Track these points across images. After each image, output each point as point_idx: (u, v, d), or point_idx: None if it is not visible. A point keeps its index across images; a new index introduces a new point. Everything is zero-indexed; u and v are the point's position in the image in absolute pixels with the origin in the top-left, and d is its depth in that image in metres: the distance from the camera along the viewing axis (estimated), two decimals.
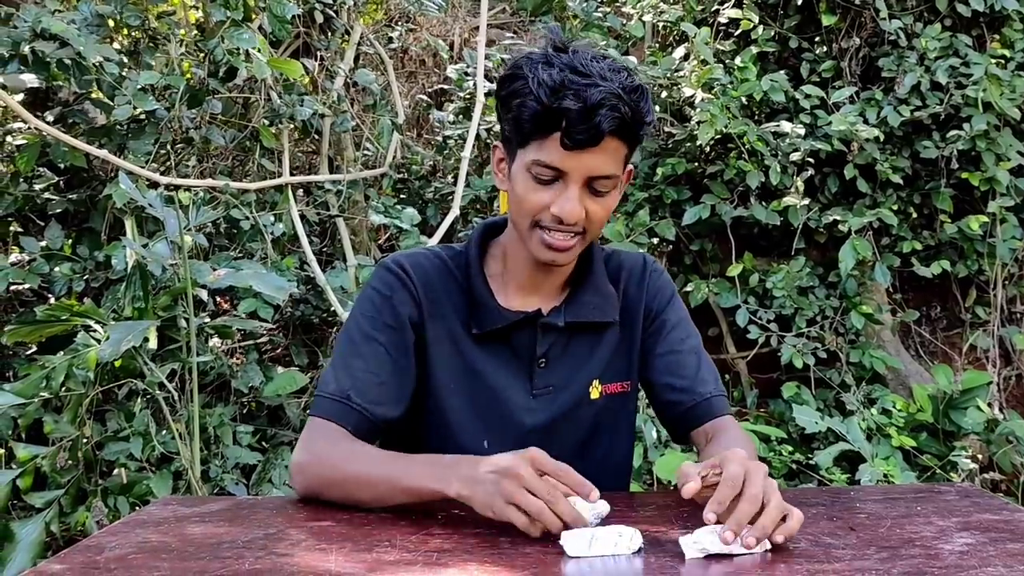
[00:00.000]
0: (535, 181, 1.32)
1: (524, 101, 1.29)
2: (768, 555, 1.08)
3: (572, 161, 1.29)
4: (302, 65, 3.58)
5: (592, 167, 1.30)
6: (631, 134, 1.31)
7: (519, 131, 1.33)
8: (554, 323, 1.44)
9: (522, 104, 1.30)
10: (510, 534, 1.15)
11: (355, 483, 1.27)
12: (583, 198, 1.32)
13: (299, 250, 3.77)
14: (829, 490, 1.55)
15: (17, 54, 2.99)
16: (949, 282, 4.24)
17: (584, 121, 1.25)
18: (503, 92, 1.35)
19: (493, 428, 1.45)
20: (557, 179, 1.32)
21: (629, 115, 1.28)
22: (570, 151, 1.28)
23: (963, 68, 3.80)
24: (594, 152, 1.29)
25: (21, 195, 3.38)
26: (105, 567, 1.05)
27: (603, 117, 1.25)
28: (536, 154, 1.31)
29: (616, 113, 1.26)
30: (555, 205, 1.31)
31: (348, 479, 1.28)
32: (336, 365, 1.38)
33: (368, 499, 1.27)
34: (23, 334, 2.71)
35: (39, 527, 2.57)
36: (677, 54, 4.00)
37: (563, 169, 1.30)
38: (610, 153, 1.31)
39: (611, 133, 1.28)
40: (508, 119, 1.35)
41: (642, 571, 1.05)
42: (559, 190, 1.32)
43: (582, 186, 1.31)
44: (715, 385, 1.49)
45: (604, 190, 1.33)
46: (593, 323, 1.48)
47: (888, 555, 1.08)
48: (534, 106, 1.28)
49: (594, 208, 1.33)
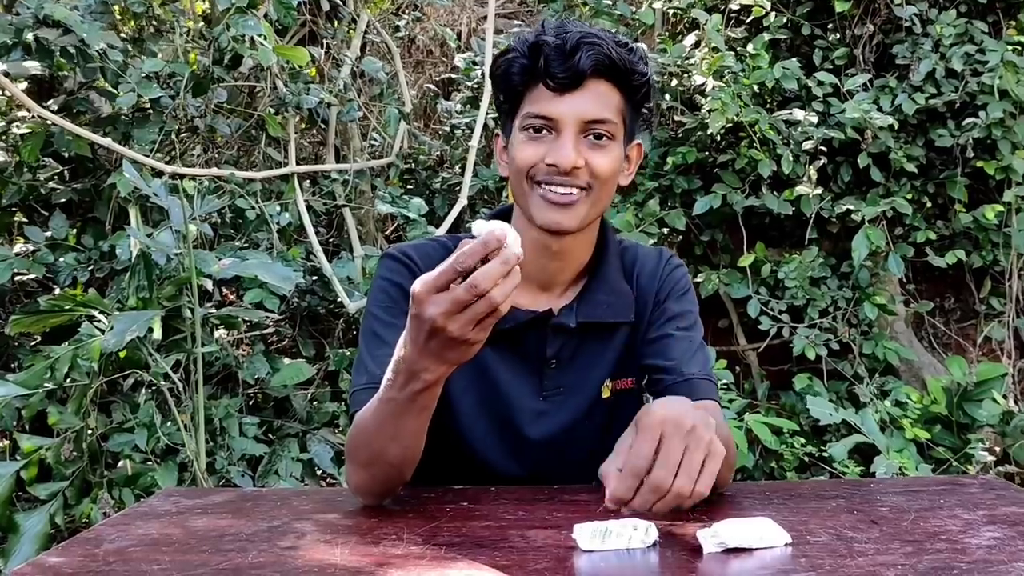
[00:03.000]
0: (528, 137, 1.31)
1: (510, 60, 1.32)
2: (789, 548, 1.05)
3: (560, 106, 1.28)
4: (308, 53, 3.55)
5: (582, 110, 1.28)
6: (622, 79, 1.30)
7: (509, 93, 1.34)
8: (565, 323, 1.40)
9: (508, 63, 1.32)
10: (520, 527, 1.14)
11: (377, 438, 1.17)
12: (579, 146, 1.29)
13: (305, 240, 3.76)
14: (849, 482, 1.52)
15: (20, 41, 2.98)
16: (963, 272, 4.19)
17: (564, 60, 1.26)
18: (493, 68, 1.37)
19: (502, 430, 1.42)
20: (551, 130, 1.30)
21: (614, 54, 1.27)
22: (556, 93, 1.28)
23: (979, 55, 3.75)
24: (581, 94, 1.28)
25: (25, 185, 3.37)
26: (104, 560, 1.03)
27: (584, 54, 1.25)
28: (527, 108, 1.31)
29: (598, 51, 1.26)
30: (549, 155, 1.28)
31: (372, 438, 1.18)
32: (363, 360, 1.34)
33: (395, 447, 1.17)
34: (27, 324, 2.71)
35: (44, 519, 2.58)
36: (688, 41, 3.96)
37: (552, 116, 1.28)
38: (600, 96, 1.29)
39: (595, 73, 1.27)
40: (500, 89, 1.36)
41: (658, 565, 1.02)
42: (553, 141, 1.29)
43: (576, 133, 1.29)
44: (703, 370, 1.40)
45: (603, 134, 1.30)
46: (606, 323, 1.43)
47: (913, 549, 1.05)
48: (519, 59, 1.30)
49: (595, 158, 1.29)
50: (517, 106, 1.33)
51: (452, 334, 0.99)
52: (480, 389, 1.40)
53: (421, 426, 1.16)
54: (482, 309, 0.97)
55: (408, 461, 1.21)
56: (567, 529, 1.09)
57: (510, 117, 1.35)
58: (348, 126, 4.23)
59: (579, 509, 1.21)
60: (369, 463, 1.21)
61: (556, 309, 1.41)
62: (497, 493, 1.32)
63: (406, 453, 1.19)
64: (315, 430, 3.38)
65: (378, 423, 1.16)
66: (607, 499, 1.00)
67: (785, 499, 1.29)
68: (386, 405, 1.13)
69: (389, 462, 1.19)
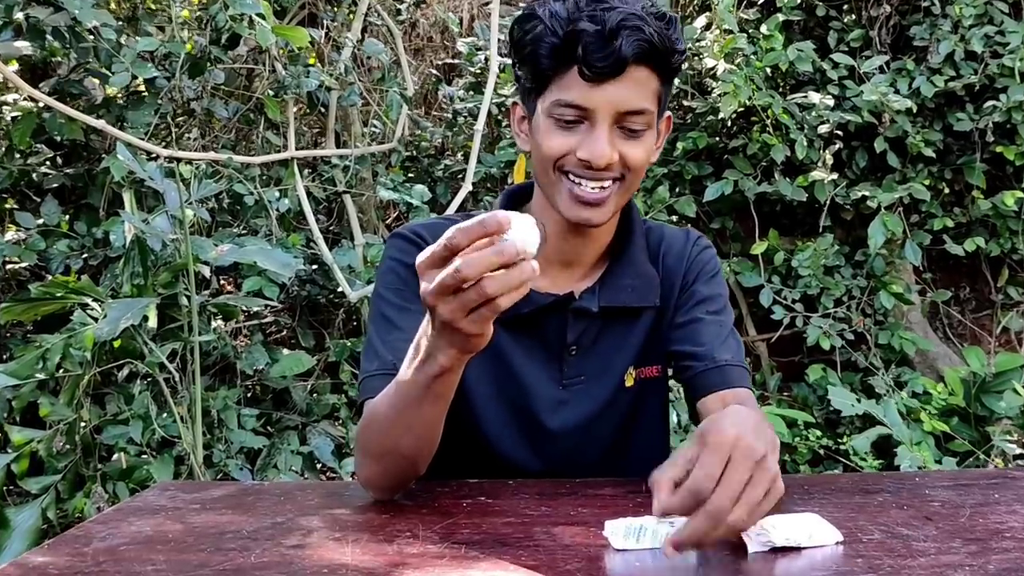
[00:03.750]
0: (557, 125, 1.21)
1: (538, 37, 1.19)
2: (841, 548, 0.98)
3: (596, 95, 1.17)
4: (308, 34, 3.50)
5: (619, 100, 1.18)
6: (662, 62, 1.19)
7: (536, 74, 1.22)
8: (587, 308, 1.33)
9: (536, 40, 1.19)
10: (545, 524, 1.07)
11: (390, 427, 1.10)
12: (613, 139, 1.20)
13: (305, 227, 3.72)
14: (892, 476, 1.45)
15: (10, 21, 2.97)
16: (979, 261, 4.17)
17: (604, 46, 1.14)
18: (516, 36, 1.24)
19: (519, 420, 1.35)
20: (583, 120, 1.20)
21: (655, 38, 1.16)
22: (592, 83, 1.17)
23: (999, 37, 3.72)
24: (619, 83, 1.17)
25: (17, 170, 3.36)
26: (94, 559, 0.98)
27: (624, 40, 1.14)
28: (557, 94, 1.20)
29: (640, 36, 1.15)
30: (582, 148, 1.19)
31: (385, 427, 1.11)
32: (373, 345, 1.26)
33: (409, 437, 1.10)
34: (18, 312, 2.70)
35: (35, 514, 2.58)
36: (699, 23, 3.92)
37: (587, 106, 1.18)
38: (639, 84, 1.18)
39: (636, 60, 1.16)
40: (525, 66, 1.24)
41: (700, 567, 0.95)
42: (585, 133, 1.20)
43: (611, 125, 1.19)
44: (736, 356, 1.33)
45: (638, 128, 1.20)
46: (630, 308, 1.36)
47: (978, 548, 0.98)
48: (549, 38, 1.18)
49: (630, 151, 1.20)
50: (544, 87, 1.22)
51: (444, 318, 0.90)
52: (496, 376, 1.33)
53: (438, 416, 1.08)
54: (472, 298, 0.87)
55: (423, 454, 1.13)
56: (595, 526, 1.02)
57: (534, 95, 1.25)
58: (349, 111, 4.19)
59: (606, 504, 1.15)
60: (382, 455, 1.13)
61: (577, 292, 1.34)
62: (516, 487, 1.26)
63: (421, 445, 1.11)
64: (315, 422, 3.38)
65: (392, 411, 1.08)
66: (655, 511, 0.90)
67: (827, 493, 1.22)
68: (403, 389, 1.04)
69: (403, 454, 1.12)
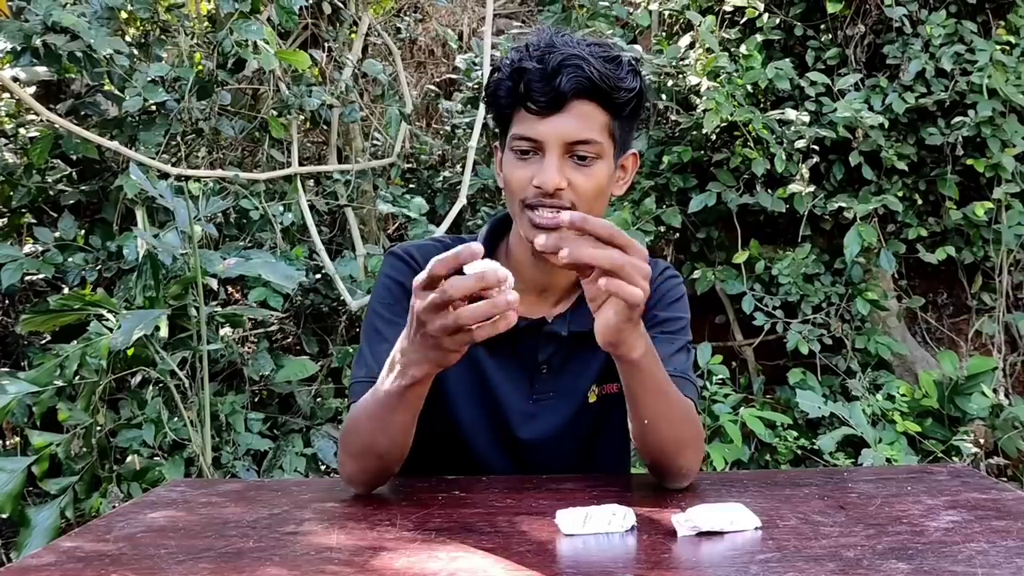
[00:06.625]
0: (516, 158, 1.32)
1: (498, 80, 1.33)
2: (759, 532, 1.11)
3: (542, 127, 1.28)
4: (310, 56, 3.59)
5: (565, 132, 1.27)
6: (605, 99, 1.28)
7: (499, 114, 1.36)
8: (557, 332, 1.43)
9: (496, 83, 1.33)
10: (508, 513, 1.19)
11: (367, 429, 1.23)
12: (564, 168, 1.29)
13: (308, 240, 3.78)
14: (824, 471, 1.56)
15: (29, 47, 3.01)
16: (955, 268, 4.22)
17: (545, 84, 1.26)
18: (487, 84, 1.38)
19: (496, 429, 1.46)
20: (537, 151, 1.30)
21: (596, 76, 1.25)
22: (538, 116, 1.28)
23: (968, 55, 3.78)
24: (564, 115, 1.27)
25: (34, 187, 3.39)
26: (115, 544, 1.08)
27: (564, 77, 1.25)
28: (514, 129, 1.32)
29: (579, 73, 1.25)
30: (536, 177, 1.28)
31: (362, 429, 1.24)
32: (364, 354, 1.37)
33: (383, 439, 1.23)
34: (37, 323, 2.74)
35: (54, 512, 2.62)
36: (683, 42, 4.00)
37: (536, 137, 1.29)
38: (585, 117, 1.28)
39: (576, 95, 1.26)
40: (490, 108, 1.38)
41: (635, 548, 1.07)
42: (539, 162, 1.30)
43: (561, 154, 1.29)
44: (679, 368, 1.39)
45: (586, 155, 1.29)
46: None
47: (874, 532, 1.11)
48: (505, 81, 1.31)
49: (579, 179, 1.29)
50: (506, 125, 1.35)
51: (430, 332, 1.04)
52: (477, 389, 1.45)
53: (408, 422, 1.21)
54: (450, 321, 1.01)
55: (395, 455, 1.26)
56: (551, 516, 1.13)
57: (502, 134, 1.38)
58: (350, 127, 4.26)
59: (564, 496, 1.26)
60: (359, 454, 1.26)
61: (550, 317, 1.44)
62: (489, 482, 1.37)
63: (392, 448, 1.24)
64: (319, 425, 3.42)
65: (370, 415, 1.22)
66: (538, 246, 1.05)
67: (761, 487, 1.34)
68: (380, 397, 1.18)
69: (378, 453, 1.24)
